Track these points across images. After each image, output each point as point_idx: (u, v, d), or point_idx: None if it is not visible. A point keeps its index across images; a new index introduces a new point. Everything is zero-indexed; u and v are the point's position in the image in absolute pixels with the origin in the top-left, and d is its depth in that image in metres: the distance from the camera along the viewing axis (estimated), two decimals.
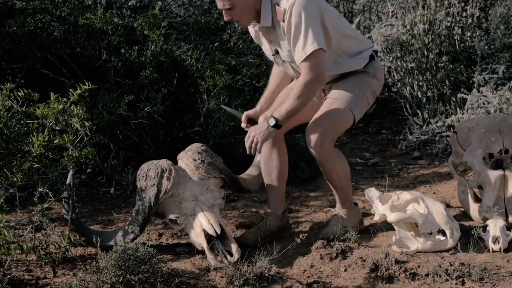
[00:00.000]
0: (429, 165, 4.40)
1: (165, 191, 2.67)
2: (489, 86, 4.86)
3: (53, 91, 2.92)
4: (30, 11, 3.87)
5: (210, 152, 2.83)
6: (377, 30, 5.26)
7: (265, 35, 2.77)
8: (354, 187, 3.85)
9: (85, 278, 2.25)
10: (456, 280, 2.33)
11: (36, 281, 2.45)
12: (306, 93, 2.60)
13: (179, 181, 2.69)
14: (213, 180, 2.77)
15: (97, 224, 3.23)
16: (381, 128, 5.68)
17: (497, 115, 3.12)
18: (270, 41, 2.78)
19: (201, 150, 2.79)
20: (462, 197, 3.09)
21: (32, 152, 2.23)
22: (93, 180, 3.92)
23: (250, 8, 2.64)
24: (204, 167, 2.73)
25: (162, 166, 2.71)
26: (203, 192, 2.73)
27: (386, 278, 2.38)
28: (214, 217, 2.62)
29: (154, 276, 2.29)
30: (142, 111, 3.75)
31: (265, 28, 2.72)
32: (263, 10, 2.65)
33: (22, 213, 3.18)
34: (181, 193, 2.70)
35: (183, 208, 2.69)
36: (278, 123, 2.61)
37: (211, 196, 2.74)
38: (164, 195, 2.67)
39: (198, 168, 2.72)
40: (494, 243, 2.58)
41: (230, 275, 2.39)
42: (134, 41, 4.11)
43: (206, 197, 2.72)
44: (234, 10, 2.61)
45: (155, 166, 2.71)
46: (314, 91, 2.65)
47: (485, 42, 5.32)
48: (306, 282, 2.42)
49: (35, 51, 3.94)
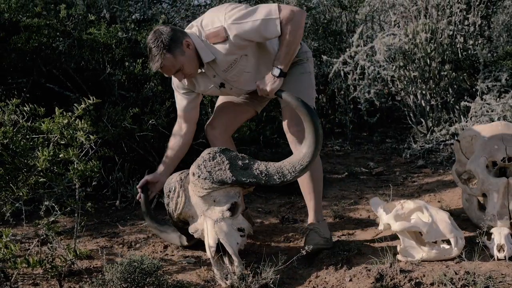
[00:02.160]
0: (434, 173, 4.40)
1: (173, 211, 2.71)
2: (493, 93, 4.86)
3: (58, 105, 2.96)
4: (35, 27, 3.92)
5: (217, 159, 2.62)
6: (379, 39, 5.27)
7: (207, 71, 2.79)
8: (358, 196, 3.87)
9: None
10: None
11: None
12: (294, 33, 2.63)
13: (185, 200, 2.68)
14: (219, 191, 2.62)
15: (103, 237, 3.24)
16: (385, 137, 5.70)
17: (500, 123, 3.11)
18: (214, 75, 2.81)
19: (203, 161, 2.62)
20: (466, 205, 3.09)
21: (38, 167, 2.25)
22: (99, 193, 3.93)
23: (193, 58, 2.68)
24: (199, 183, 2.59)
25: (170, 185, 2.70)
26: (210, 205, 2.63)
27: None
28: (212, 236, 2.56)
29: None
30: (147, 123, 3.77)
31: (208, 64, 2.74)
32: (200, 50, 2.69)
33: (28, 226, 3.20)
34: (188, 211, 2.69)
35: (195, 223, 2.69)
36: (282, 71, 2.65)
37: (219, 209, 2.61)
38: (174, 214, 2.71)
39: (195, 184, 2.62)
40: (499, 251, 2.58)
41: (235, 287, 2.40)
42: (138, 54, 4.14)
43: (212, 211, 2.62)
44: (183, 69, 2.68)
45: (168, 184, 2.73)
46: (300, 26, 2.66)
47: (487, 50, 5.33)
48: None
49: (40, 65, 3.98)
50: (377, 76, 5.50)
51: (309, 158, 2.53)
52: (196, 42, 2.69)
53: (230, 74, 2.80)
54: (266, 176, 2.58)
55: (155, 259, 2.68)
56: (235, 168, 2.60)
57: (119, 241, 3.17)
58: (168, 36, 2.62)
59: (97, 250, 2.97)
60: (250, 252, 2.93)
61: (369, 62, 5.37)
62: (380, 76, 5.48)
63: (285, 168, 2.58)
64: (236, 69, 2.78)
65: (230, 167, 2.59)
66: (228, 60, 2.73)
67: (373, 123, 5.72)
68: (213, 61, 2.73)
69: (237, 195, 2.65)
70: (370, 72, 5.44)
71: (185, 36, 2.67)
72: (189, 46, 2.66)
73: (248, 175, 2.58)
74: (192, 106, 3.01)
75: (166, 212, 2.77)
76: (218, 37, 2.66)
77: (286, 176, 2.57)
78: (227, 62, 2.74)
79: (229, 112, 3.08)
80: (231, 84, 2.86)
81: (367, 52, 5.40)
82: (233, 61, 2.74)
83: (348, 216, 3.40)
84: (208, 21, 2.70)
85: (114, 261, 2.49)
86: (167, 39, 2.61)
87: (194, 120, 3.06)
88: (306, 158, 2.54)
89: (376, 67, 5.43)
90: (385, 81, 5.53)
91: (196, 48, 2.68)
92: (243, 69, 2.81)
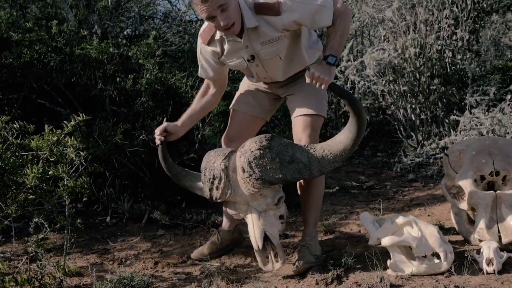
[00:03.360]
0: (424, 187, 4.41)
1: (214, 198, 2.65)
2: (481, 107, 4.90)
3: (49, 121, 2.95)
4: (26, 43, 3.92)
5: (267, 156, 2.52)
6: (369, 54, 5.31)
7: (243, 40, 2.67)
8: (349, 210, 3.87)
9: None
10: None
11: None
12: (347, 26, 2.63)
13: (230, 188, 2.61)
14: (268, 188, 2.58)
15: (93, 254, 3.23)
16: (376, 151, 5.71)
17: (487, 137, 3.13)
18: (247, 46, 2.70)
19: (253, 158, 2.51)
20: (455, 219, 3.09)
21: (27, 184, 2.24)
22: (89, 209, 3.92)
23: (237, 10, 2.56)
24: (251, 182, 2.51)
25: (215, 172, 2.61)
26: (255, 197, 2.58)
27: None
28: (259, 229, 2.56)
29: None
30: (138, 139, 3.76)
31: (248, 31, 2.64)
32: (244, 12, 2.59)
33: (18, 243, 3.18)
34: (232, 199, 2.63)
35: (237, 208, 2.66)
36: (336, 60, 2.54)
37: (264, 201, 2.59)
38: (215, 199, 2.65)
39: (245, 182, 2.53)
40: (488, 265, 2.57)
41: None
42: (129, 70, 4.15)
43: (258, 202, 2.59)
44: (228, 10, 2.52)
45: (211, 169, 2.63)
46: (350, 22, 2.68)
47: (476, 64, 5.38)
48: None
49: (31, 81, 3.97)
50: (367, 90, 5.54)
51: (350, 148, 2.54)
52: (242, 4, 2.59)
53: (264, 50, 2.70)
54: (309, 169, 2.57)
55: (146, 275, 2.67)
56: (284, 164, 2.54)
57: (109, 257, 3.15)
58: None
59: (87, 267, 2.95)
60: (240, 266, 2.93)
61: (359, 76, 5.41)
62: (370, 90, 5.52)
63: (326, 158, 2.57)
64: (273, 47, 2.70)
65: (280, 165, 2.53)
66: (270, 35, 2.64)
67: (364, 137, 5.72)
68: (254, 29, 2.63)
69: (281, 188, 2.66)
70: (361, 87, 5.47)
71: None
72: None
73: (294, 171, 2.56)
74: (220, 77, 2.94)
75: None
76: (271, 10, 2.58)
77: (326, 168, 2.59)
78: (269, 36, 2.65)
79: (243, 123, 3.03)
80: (260, 61, 2.76)
81: (357, 67, 5.44)
82: (275, 37, 2.66)
83: (339, 230, 3.40)
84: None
85: (104, 278, 2.48)
86: None
87: (223, 86, 3.00)
88: (348, 148, 2.54)
89: (366, 81, 5.47)
90: (375, 96, 5.57)
91: (240, 8, 2.58)
92: (278, 53, 2.74)
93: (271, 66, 2.81)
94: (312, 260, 2.74)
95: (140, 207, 3.82)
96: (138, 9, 5.71)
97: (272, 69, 2.83)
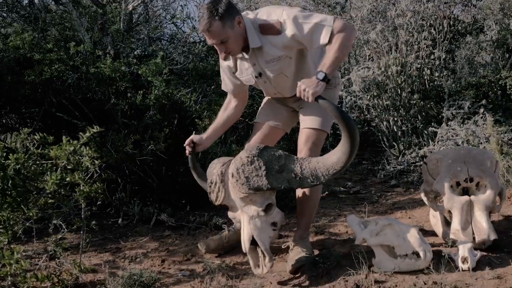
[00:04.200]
0: (405, 192, 4.41)
1: (212, 201, 2.65)
2: (457, 120, 4.90)
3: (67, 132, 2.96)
4: (47, 62, 3.93)
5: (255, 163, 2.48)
6: (355, 72, 5.32)
7: (250, 58, 2.67)
8: (337, 213, 3.87)
9: None
10: None
11: None
12: (344, 44, 2.47)
13: (225, 195, 2.59)
14: (255, 194, 2.51)
15: (106, 252, 3.22)
16: (362, 159, 5.71)
17: (462, 147, 3.14)
18: (254, 64, 2.67)
19: (241, 165, 2.49)
20: (433, 221, 3.10)
21: (47, 189, 2.24)
22: (103, 211, 3.91)
23: (239, 36, 2.56)
24: (238, 187, 2.48)
25: (212, 177, 2.60)
26: (247, 203, 2.54)
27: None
28: (248, 233, 2.52)
29: None
30: (147, 149, 3.77)
31: (252, 51, 2.63)
32: (249, 33, 2.56)
33: (38, 243, 3.17)
34: (228, 202, 2.61)
35: (234, 212, 2.65)
36: (326, 76, 2.44)
37: (254, 208, 2.53)
38: (214, 202, 2.65)
39: (234, 186, 2.51)
40: (463, 263, 2.58)
41: None
42: (139, 86, 4.15)
43: (249, 208, 2.53)
44: (228, 42, 2.54)
45: (210, 173, 2.63)
46: (350, 39, 2.50)
47: (451, 81, 5.39)
48: None
49: (51, 96, 3.98)
50: (354, 104, 5.55)
51: (343, 164, 2.39)
52: (248, 25, 2.56)
53: (270, 68, 2.67)
54: (300, 179, 2.45)
55: (153, 272, 2.66)
56: (271, 173, 2.47)
57: (121, 255, 3.15)
58: (224, 6, 2.49)
59: (101, 264, 2.95)
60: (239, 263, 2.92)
61: (346, 92, 5.43)
62: (356, 104, 5.52)
63: (319, 170, 2.44)
64: (277, 65, 2.65)
65: (267, 172, 2.47)
66: (273, 53, 2.60)
67: None
68: (258, 49, 2.60)
69: (272, 195, 2.57)
70: (348, 101, 5.49)
71: (239, 15, 2.55)
72: (239, 24, 2.53)
73: (282, 180, 2.47)
74: (239, 90, 2.91)
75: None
76: (272, 30, 2.54)
77: (320, 179, 2.45)
78: (272, 55, 2.60)
79: (262, 133, 2.97)
80: (267, 78, 2.74)
81: (345, 83, 5.46)
82: (278, 57, 2.60)
83: (328, 231, 3.40)
84: (264, 13, 2.59)
85: (116, 274, 2.48)
86: (222, 8, 2.48)
87: (243, 99, 2.95)
88: (340, 163, 2.39)
89: (353, 96, 5.48)
90: (361, 109, 5.58)
91: (246, 29, 2.56)
92: (283, 71, 2.69)
93: (278, 83, 2.76)
94: (303, 260, 2.73)
95: (148, 210, 3.82)
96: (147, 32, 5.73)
97: (279, 86, 2.79)
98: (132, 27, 5.60)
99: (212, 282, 2.58)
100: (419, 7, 5.53)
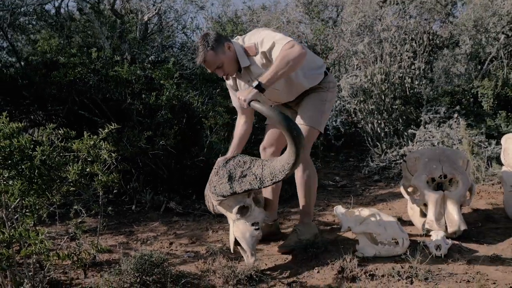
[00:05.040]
0: (386, 186, 4.41)
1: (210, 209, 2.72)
2: (433, 123, 4.91)
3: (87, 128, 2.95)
4: (71, 65, 3.93)
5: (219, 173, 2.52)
6: (344, 79, 5.33)
7: (243, 76, 2.68)
8: (326, 204, 3.87)
9: (110, 279, 2.25)
10: (406, 280, 2.33)
11: (70, 281, 2.45)
12: (284, 60, 2.44)
13: (213, 206, 2.65)
14: (228, 199, 2.52)
15: (121, 235, 3.22)
16: (349, 157, 5.71)
17: (437, 148, 3.14)
18: (248, 80, 2.67)
19: (212, 176, 2.56)
20: (411, 212, 3.11)
21: (69, 178, 2.24)
22: (118, 199, 3.92)
23: (232, 59, 2.60)
24: (212, 196, 2.56)
25: (206, 190, 2.66)
26: (227, 209, 2.57)
27: (350, 278, 2.38)
28: (232, 235, 2.57)
29: (165, 277, 2.29)
30: (158, 144, 3.77)
31: (244, 69, 2.65)
32: (238, 55, 2.61)
33: (61, 226, 3.18)
34: (216, 210, 2.65)
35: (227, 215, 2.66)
36: (260, 85, 2.43)
37: (230, 211, 2.56)
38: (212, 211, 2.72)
39: (211, 196, 2.59)
40: (436, 250, 2.59)
41: (226, 276, 2.39)
42: (153, 88, 4.15)
43: (229, 213, 2.58)
44: (223, 66, 2.60)
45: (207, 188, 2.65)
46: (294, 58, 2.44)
47: (430, 88, 5.39)
48: (286, 282, 2.42)
49: (74, 96, 3.99)
50: (343, 108, 5.56)
51: (294, 156, 2.28)
52: (237, 48, 2.61)
53: None
54: (260, 180, 2.41)
55: (162, 253, 2.66)
56: (234, 179, 2.46)
57: (134, 238, 3.15)
58: (213, 37, 2.56)
59: (116, 246, 2.95)
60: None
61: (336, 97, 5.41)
62: (345, 108, 5.53)
63: (277, 168, 2.38)
64: None
65: (229, 179, 2.47)
66: (257, 71, 2.60)
67: (339, 146, 5.74)
68: (248, 68, 2.64)
69: (244, 198, 2.53)
70: (337, 106, 5.49)
71: (228, 41, 2.60)
72: (230, 48, 2.58)
73: (243, 184, 2.44)
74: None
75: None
76: (251, 51, 2.59)
77: (278, 177, 2.38)
78: (257, 73, 2.59)
79: (271, 134, 2.95)
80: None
81: None
82: (261, 74, 2.54)
83: (318, 220, 3.40)
84: (248, 37, 2.65)
85: (129, 255, 2.48)
86: (212, 39, 2.55)
87: (250, 116, 2.86)
88: (292, 157, 2.29)
89: (342, 101, 5.49)
90: (349, 112, 5.58)
91: (236, 52, 2.61)
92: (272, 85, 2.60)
93: (272, 95, 2.75)
94: (292, 244, 2.73)
95: (159, 198, 3.82)
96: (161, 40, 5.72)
97: (274, 97, 2.78)
98: (147, 35, 5.59)
99: (214, 263, 2.58)
100: (402, 22, 5.54)
